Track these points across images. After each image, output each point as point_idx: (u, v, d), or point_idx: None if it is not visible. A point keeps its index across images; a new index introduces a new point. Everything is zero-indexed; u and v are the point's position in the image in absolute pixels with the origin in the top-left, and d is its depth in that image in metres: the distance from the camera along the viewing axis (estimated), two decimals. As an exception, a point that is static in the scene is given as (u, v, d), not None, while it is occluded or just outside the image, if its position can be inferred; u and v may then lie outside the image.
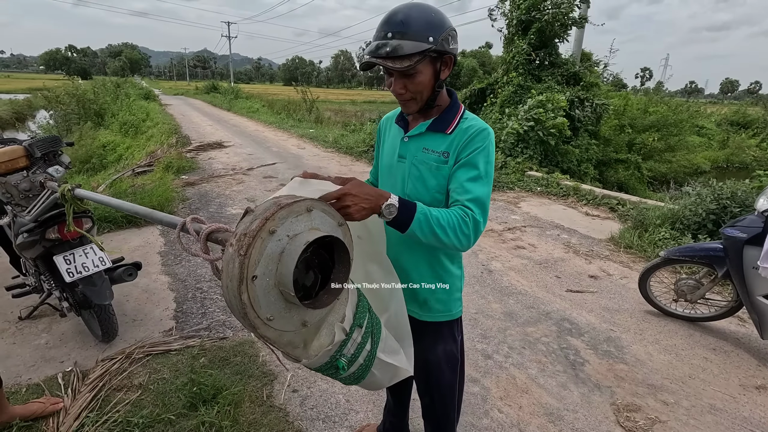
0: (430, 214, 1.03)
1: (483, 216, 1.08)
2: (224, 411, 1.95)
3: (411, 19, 1.04)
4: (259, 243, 0.80)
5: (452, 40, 1.10)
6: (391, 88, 1.13)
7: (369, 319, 1.05)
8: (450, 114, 1.20)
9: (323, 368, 0.98)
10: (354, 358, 1.00)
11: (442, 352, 1.37)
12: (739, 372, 2.44)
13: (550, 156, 8.06)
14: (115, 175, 6.54)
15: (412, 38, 1.03)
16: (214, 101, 26.84)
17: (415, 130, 1.23)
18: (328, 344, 0.96)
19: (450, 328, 1.38)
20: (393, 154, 1.29)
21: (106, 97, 17.66)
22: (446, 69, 1.13)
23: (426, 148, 1.20)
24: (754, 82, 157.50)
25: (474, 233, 1.06)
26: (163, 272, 3.46)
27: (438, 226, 1.02)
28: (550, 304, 3.14)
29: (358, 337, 1.00)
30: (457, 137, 1.16)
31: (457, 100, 1.23)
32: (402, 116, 1.29)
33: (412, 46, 1.03)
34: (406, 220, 1.01)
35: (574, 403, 2.14)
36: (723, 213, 4.09)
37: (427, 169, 1.19)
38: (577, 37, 9.99)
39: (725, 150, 17.51)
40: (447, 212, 1.06)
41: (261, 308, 0.81)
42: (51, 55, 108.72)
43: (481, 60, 42.75)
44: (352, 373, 1.02)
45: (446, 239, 1.03)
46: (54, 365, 2.30)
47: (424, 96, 1.13)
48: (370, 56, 1.07)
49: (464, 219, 1.05)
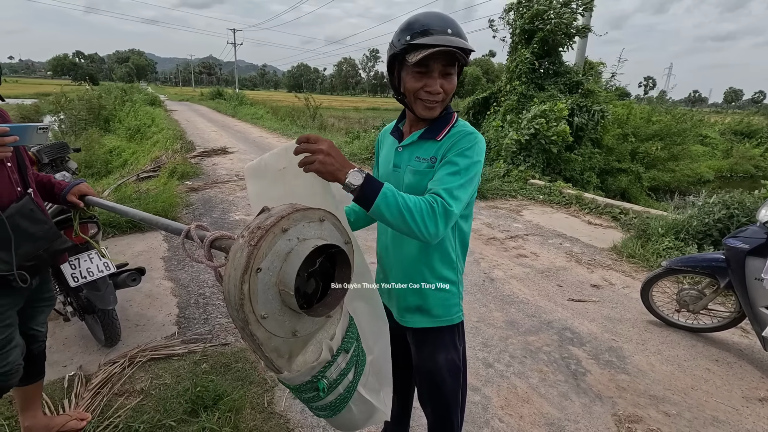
0: (398, 193, 1.00)
1: (455, 204, 1.04)
2: (225, 417, 1.95)
3: (455, 23, 1.12)
4: (271, 237, 0.82)
5: None
6: (429, 89, 1.14)
7: (356, 348, 1.04)
8: (441, 122, 1.22)
9: (302, 388, 0.95)
10: (335, 384, 0.97)
11: (444, 361, 1.36)
12: (742, 384, 2.42)
13: (552, 164, 8.08)
14: (121, 180, 6.60)
15: (466, 40, 1.12)
16: (218, 107, 27.05)
17: (408, 139, 1.25)
18: (313, 361, 0.95)
19: (451, 334, 1.36)
20: (389, 164, 1.31)
21: (115, 103, 17.90)
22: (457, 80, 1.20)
23: (418, 156, 1.22)
24: (758, 92, 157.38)
25: (443, 220, 1.02)
26: (166, 277, 3.48)
27: (405, 208, 0.98)
28: (552, 313, 3.13)
29: (342, 363, 0.99)
30: (446, 141, 1.18)
31: (451, 108, 1.25)
32: (396, 128, 1.33)
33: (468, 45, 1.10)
34: (371, 194, 0.97)
35: (575, 414, 2.13)
36: (730, 222, 4.08)
37: (419, 177, 1.20)
38: (580, 46, 10.05)
39: (729, 159, 17.45)
40: (418, 197, 1.03)
41: (258, 303, 0.82)
42: (59, 61, 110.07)
43: (485, 68, 42.98)
44: (329, 402, 0.99)
45: (413, 223, 0.99)
46: (57, 369, 2.32)
47: (449, 100, 1.19)
48: (441, 44, 1.07)
49: (432, 205, 1.01)
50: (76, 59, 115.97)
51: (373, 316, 1.18)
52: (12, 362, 1.47)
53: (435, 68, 1.12)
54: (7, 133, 1.27)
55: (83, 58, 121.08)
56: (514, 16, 9.75)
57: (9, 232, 1.36)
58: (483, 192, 6.55)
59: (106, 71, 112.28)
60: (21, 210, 1.40)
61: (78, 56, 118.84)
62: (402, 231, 1.02)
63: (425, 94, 1.15)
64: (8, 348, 1.45)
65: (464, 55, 1.11)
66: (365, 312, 1.17)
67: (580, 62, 10.14)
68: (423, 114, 1.19)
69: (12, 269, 1.37)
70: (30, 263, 1.44)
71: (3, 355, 1.44)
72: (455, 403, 1.43)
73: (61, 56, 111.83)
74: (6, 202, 1.39)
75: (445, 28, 1.10)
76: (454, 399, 1.42)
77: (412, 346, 1.41)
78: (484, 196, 6.53)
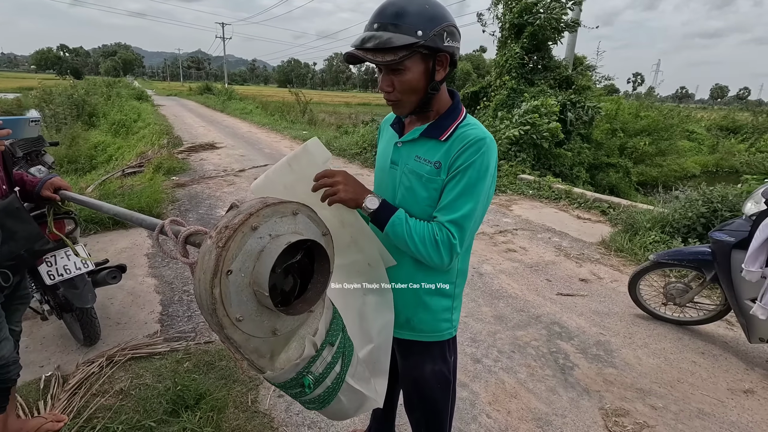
0: (408, 221, 1.06)
1: (459, 237, 1.04)
2: (207, 417, 1.91)
3: (403, 11, 0.95)
4: (240, 237, 0.78)
5: (449, 36, 0.99)
6: (380, 87, 1.05)
7: (341, 340, 1.01)
8: (448, 119, 1.09)
9: (288, 385, 0.92)
10: (321, 378, 0.95)
11: (431, 372, 1.28)
12: (727, 376, 2.44)
13: (542, 159, 8.10)
14: (105, 176, 6.46)
15: (401, 31, 0.94)
16: (207, 102, 26.70)
17: (408, 135, 1.14)
18: (297, 358, 0.91)
19: (440, 348, 1.28)
20: (386, 159, 1.21)
21: (99, 98, 17.55)
22: (441, 69, 1.03)
23: (418, 156, 1.10)
24: (743, 88, 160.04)
25: (447, 253, 1.04)
26: (149, 274, 3.40)
27: (409, 237, 1.04)
28: (541, 308, 3.13)
29: (328, 356, 0.96)
30: (453, 146, 1.05)
31: (459, 103, 1.13)
32: (398, 119, 1.21)
33: (399, 38, 0.94)
34: (384, 219, 1.05)
35: (562, 408, 2.12)
36: (713, 217, 4.11)
37: (418, 180, 1.10)
38: (570, 41, 10.07)
39: (715, 155, 17.72)
40: (425, 226, 1.05)
41: (231, 306, 0.78)
42: (42, 55, 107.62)
43: (476, 63, 43.00)
44: (317, 396, 0.96)
45: (416, 252, 1.05)
46: (33, 370, 2.25)
47: (414, 98, 1.04)
48: (354, 48, 0.99)
49: (436, 237, 1.04)
50: (61, 53, 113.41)
51: (381, 304, 1.15)
52: (5, 357, 1.43)
53: (379, 66, 1.02)
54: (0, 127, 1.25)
55: (68, 51, 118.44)
56: (503, 10, 9.72)
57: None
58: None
59: (92, 65, 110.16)
60: (7, 208, 1.38)
61: (62, 50, 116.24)
62: (410, 254, 1.09)
63: (381, 91, 1.06)
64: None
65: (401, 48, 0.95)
66: (372, 301, 1.15)
67: (570, 57, 10.16)
68: (394, 112, 1.15)
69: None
70: (10, 263, 1.41)
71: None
72: (444, 414, 1.37)
73: (45, 50, 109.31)
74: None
75: (374, 23, 0.98)
76: (444, 409, 1.36)
77: (398, 354, 1.35)
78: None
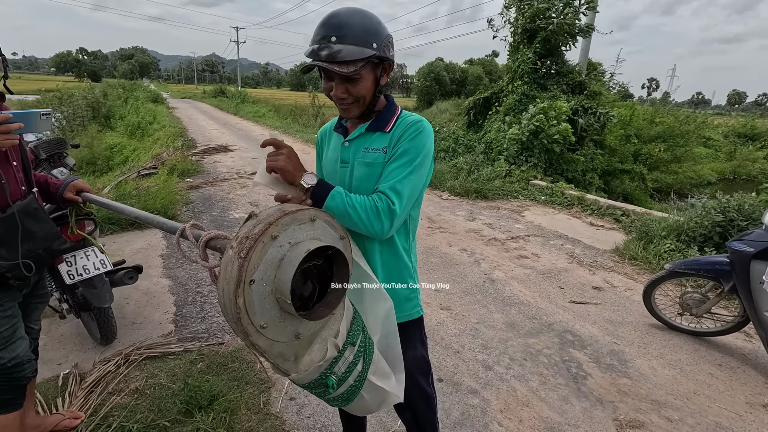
0: (347, 194, 1.08)
1: (398, 202, 1.09)
2: (220, 418, 1.93)
3: (352, 24, 1.04)
4: (260, 247, 0.79)
5: (391, 46, 1.13)
6: (331, 93, 1.13)
7: (362, 339, 1.03)
8: (388, 114, 1.21)
9: (312, 385, 0.95)
10: (344, 377, 0.97)
11: (413, 360, 1.30)
12: (745, 389, 2.39)
13: (554, 165, 8.03)
14: (121, 177, 6.59)
15: (356, 43, 1.03)
16: (221, 105, 27.05)
17: (354, 133, 1.23)
18: (320, 360, 0.93)
19: (416, 329, 1.32)
20: (335, 161, 1.27)
21: (116, 100, 17.93)
22: (385, 75, 1.15)
23: (367, 147, 1.20)
24: (762, 94, 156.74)
25: (388, 218, 1.08)
26: (164, 275, 3.45)
27: (351, 206, 1.06)
28: (553, 315, 3.10)
29: (350, 356, 0.98)
30: (396, 133, 1.17)
31: (394, 102, 1.25)
32: (340, 123, 1.29)
33: (357, 51, 1.03)
34: (322, 194, 1.06)
35: (575, 418, 2.10)
36: (730, 226, 4.04)
37: (370, 168, 1.19)
38: (584, 46, 9.99)
39: (732, 162, 17.38)
40: (365, 198, 1.10)
41: (255, 314, 0.80)
42: (62, 58, 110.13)
43: (488, 68, 42.85)
44: (341, 394, 0.99)
45: (359, 222, 1.07)
46: (52, 367, 2.29)
47: (366, 101, 1.14)
48: (313, 59, 1.05)
49: (377, 204, 1.08)
50: (80, 56, 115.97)
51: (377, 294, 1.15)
52: (20, 355, 1.46)
53: (332, 74, 1.09)
54: (10, 120, 1.25)
55: (87, 54, 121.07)
56: (516, 15, 9.68)
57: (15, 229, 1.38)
58: (484, 192, 6.52)
59: (109, 68, 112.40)
60: (25, 208, 1.43)
61: (81, 53, 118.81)
62: (354, 229, 1.09)
63: (335, 98, 1.13)
64: (14, 340, 1.45)
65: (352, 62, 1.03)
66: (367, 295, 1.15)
67: (583, 62, 10.07)
68: (342, 115, 1.21)
69: (13, 262, 1.38)
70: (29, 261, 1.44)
71: (10, 347, 1.44)
72: (433, 402, 1.40)
73: (65, 53, 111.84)
74: (12, 200, 1.40)
75: (327, 35, 1.04)
76: (430, 400, 1.39)
77: None
78: (485, 196, 6.50)
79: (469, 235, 4.82)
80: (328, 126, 1.37)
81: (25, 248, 1.41)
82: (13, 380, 1.46)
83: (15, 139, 1.29)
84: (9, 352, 1.43)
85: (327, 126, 1.38)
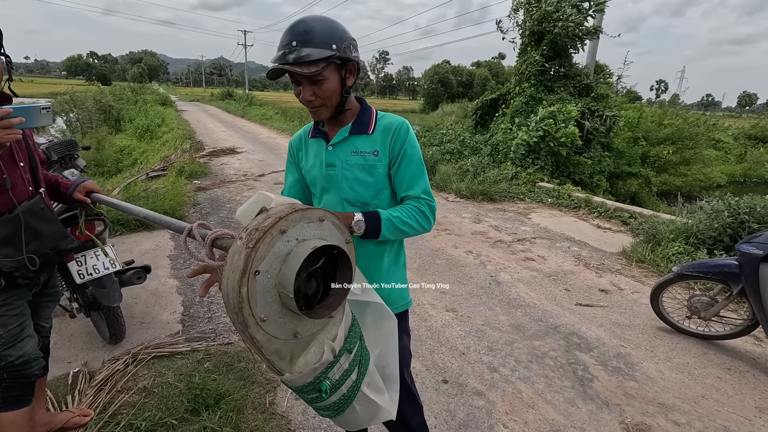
0: (392, 215, 1.19)
1: (432, 198, 1.28)
2: (226, 417, 1.95)
3: (314, 29, 1.11)
4: (269, 239, 0.80)
5: (354, 48, 1.18)
6: (300, 97, 1.17)
7: (359, 348, 1.02)
8: (365, 116, 1.28)
9: (305, 389, 0.94)
10: (338, 384, 0.96)
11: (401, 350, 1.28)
12: (754, 393, 2.36)
13: (561, 167, 7.99)
14: (130, 178, 6.67)
15: (317, 46, 1.10)
16: (228, 108, 27.27)
17: (338, 136, 1.26)
18: (315, 362, 0.93)
19: (404, 320, 1.38)
20: (320, 166, 1.28)
21: (125, 103, 18.16)
22: (351, 76, 1.20)
23: (354, 150, 1.25)
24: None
25: (432, 216, 1.26)
26: (172, 276, 3.49)
27: (402, 224, 1.20)
28: (559, 318, 3.08)
29: (345, 363, 0.98)
30: (383, 135, 1.25)
31: (366, 103, 1.31)
32: (317, 129, 1.31)
33: (318, 52, 1.09)
34: (375, 228, 1.17)
35: (581, 421, 2.09)
36: (740, 228, 3.99)
37: (362, 170, 1.24)
38: (591, 48, 9.94)
39: (742, 164, 17.17)
40: (404, 209, 1.23)
41: (257, 306, 0.81)
42: (73, 61, 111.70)
43: (494, 71, 42.77)
44: (332, 403, 0.98)
45: (412, 231, 1.23)
46: (62, 365, 2.33)
47: (333, 102, 1.19)
48: (278, 63, 1.11)
49: (420, 210, 1.24)
50: (90, 59, 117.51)
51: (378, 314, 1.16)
52: (28, 353, 1.48)
53: (299, 80, 1.14)
54: (11, 115, 1.23)
55: (97, 58, 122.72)
56: (524, 17, 9.67)
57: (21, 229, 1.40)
58: (490, 194, 6.51)
59: (119, 71, 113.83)
60: (32, 209, 1.44)
61: (92, 56, 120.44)
62: (408, 236, 1.26)
63: (304, 101, 1.17)
64: (22, 338, 1.48)
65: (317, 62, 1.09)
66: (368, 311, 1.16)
67: (591, 64, 10.02)
68: (314, 118, 1.25)
69: (20, 260, 1.40)
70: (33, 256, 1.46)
71: (18, 345, 1.46)
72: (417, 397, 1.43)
73: (76, 57, 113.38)
74: (18, 200, 1.42)
75: (291, 40, 1.10)
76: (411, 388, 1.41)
77: None
78: (491, 198, 6.48)
79: (475, 237, 4.81)
80: (301, 133, 1.38)
81: (32, 247, 1.43)
82: (21, 377, 1.49)
83: (17, 134, 1.26)
84: (17, 350, 1.45)
85: (300, 134, 1.39)
